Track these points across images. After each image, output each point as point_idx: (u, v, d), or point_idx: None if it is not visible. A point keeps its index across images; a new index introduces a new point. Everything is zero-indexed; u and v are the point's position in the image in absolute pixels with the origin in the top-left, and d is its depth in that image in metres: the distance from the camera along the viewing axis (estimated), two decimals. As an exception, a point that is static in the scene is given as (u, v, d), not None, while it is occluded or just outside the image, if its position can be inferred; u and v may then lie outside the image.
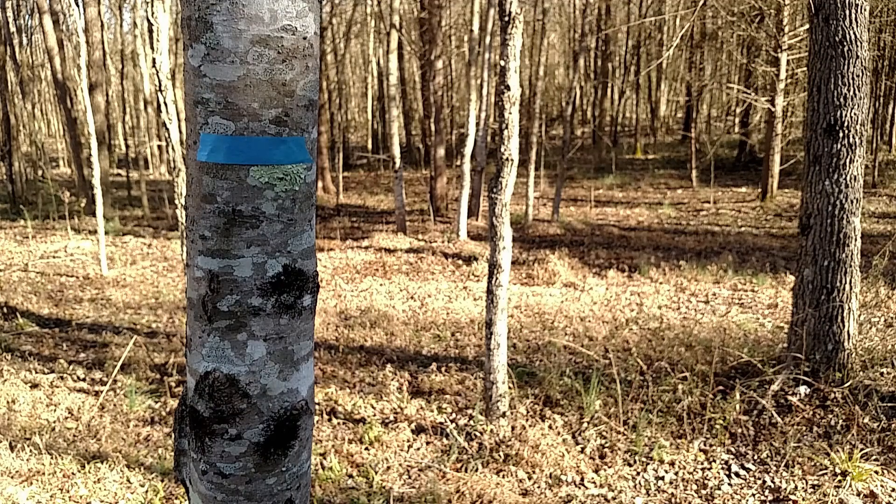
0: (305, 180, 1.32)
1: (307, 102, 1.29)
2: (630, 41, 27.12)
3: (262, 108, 1.23)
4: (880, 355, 5.15)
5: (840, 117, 4.72)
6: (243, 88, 1.21)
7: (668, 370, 5.20)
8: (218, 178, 1.25)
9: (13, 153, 17.08)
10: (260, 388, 1.32)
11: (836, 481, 3.83)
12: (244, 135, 1.23)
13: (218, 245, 1.27)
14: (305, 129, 1.30)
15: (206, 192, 1.26)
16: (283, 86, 1.24)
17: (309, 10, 1.25)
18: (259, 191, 1.26)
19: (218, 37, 1.19)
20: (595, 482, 4.01)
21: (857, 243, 4.86)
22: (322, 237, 12.70)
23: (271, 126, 1.24)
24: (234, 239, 1.27)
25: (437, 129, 15.04)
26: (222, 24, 1.19)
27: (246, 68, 1.21)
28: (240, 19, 1.19)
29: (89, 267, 10.75)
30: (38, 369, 6.10)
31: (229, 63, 1.20)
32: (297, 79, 1.26)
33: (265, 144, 1.25)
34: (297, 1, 1.23)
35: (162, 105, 6.87)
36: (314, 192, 1.37)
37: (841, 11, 4.63)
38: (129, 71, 27.63)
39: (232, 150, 1.23)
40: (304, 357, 1.39)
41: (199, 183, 1.27)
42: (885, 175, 16.47)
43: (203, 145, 1.24)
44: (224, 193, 1.25)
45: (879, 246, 8.80)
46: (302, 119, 1.28)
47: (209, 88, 1.21)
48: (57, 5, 19.27)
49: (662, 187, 18.35)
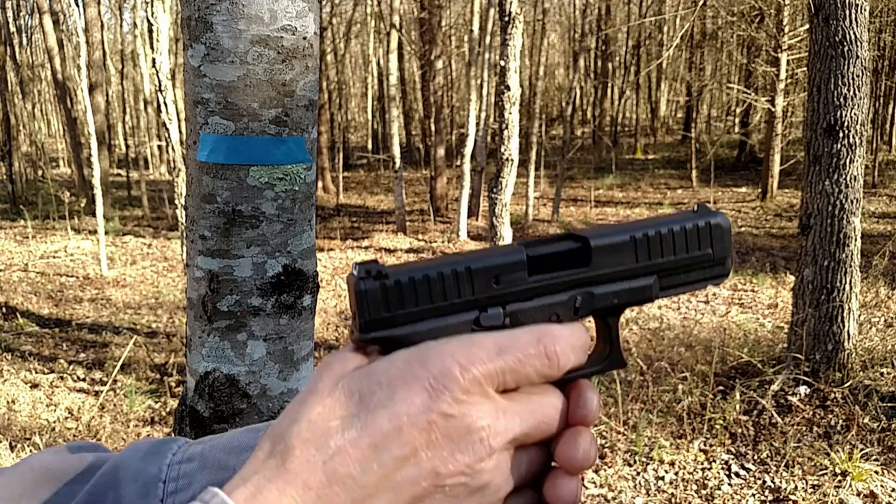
0: (305, 180, 1.31)
1: (307, 102, 1.29)
2: (630, 41, 27.12)
3: (261, 108, 1.23)
4: (880, 355, 5.15)
5: (840, 117, 4.72)
6: (243, 88, 1.21)
7: (668, 370, 5.20)
8: (218, 178, 1.25)
9: (13, 153, 17.08)
10: (260, 388, 1.32)
11: (836, 481, 3.83)
12: (244, 135, 1.23)
13: (218, 245, 1.27)
14: (305, 129, 1.30)
15: (205, 192, 1.26)
16: (283, 86, 1.24)
17: (309, 10, 1.25)
18: (259, 191, 1.26)
19: (218, 37, 1.19)
20: (595, 482, 4.01)
21: (857, 243, 4.86)
22: (322, 237, 12.70)
23: (271, 126, 1.24)
24: (234, 239, 1.27)
25: (437, 129, 15.04)
26: (222, 24, 1.19)
27: (246, 68, 1.21)
28: (240, 19, 1.19)
29: (89, 267, 10.75)
30: (38, 369, 6.10)
31: (229, 63, 1.20)
32: (297, 79, 1.25)
33: (265, 144, 1.25)
34: (297, 1, 1.23)
35: (162, 105, 6.87)
36: (314, 192, 1.37)
37: (841, 11, 4.63)
38: (129, 71, 27.64)
39: (232, 150, 1.23)
40: (305, 357, 1.39)
41: (198, 183, 1.27)
42: (885, 175, 16.47)
43: (203, 145, 1.24)
44: (224, 193, 1.25)
45: (879, 246, 8.80)
46: (302, 119, 1.28)
47: (209, 88, 1.21)
48: (57, 5, 19.28)
49: (662, 187, 18.35)
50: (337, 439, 0.38)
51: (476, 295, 0.44)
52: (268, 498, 0.36)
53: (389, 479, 0.37)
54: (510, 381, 0.41)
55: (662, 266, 0.49)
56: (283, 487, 0.37)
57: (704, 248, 0.49)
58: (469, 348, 0.40)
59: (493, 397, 0.40)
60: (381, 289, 0.42)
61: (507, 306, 0.45)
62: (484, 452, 0.39)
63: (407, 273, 0.43)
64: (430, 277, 0.43)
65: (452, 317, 0.44)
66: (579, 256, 0.47)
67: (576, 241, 0.47)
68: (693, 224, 0.49)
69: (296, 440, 0.38)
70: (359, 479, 0.37)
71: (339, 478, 0.37)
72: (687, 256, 0.49)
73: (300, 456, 0.37)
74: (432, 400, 0.38)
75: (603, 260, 0.47)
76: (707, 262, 0.50)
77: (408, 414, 0.38)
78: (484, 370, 0.39)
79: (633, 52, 27.54)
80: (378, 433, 0.37)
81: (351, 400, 0.39)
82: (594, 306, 0.47)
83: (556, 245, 0.47)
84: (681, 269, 0.49)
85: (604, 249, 0.47)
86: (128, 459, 0.49)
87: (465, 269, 0.44)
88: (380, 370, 0.40)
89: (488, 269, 0.44)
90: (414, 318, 0.43)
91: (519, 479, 0.42)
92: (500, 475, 0.40)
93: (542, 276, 0.46)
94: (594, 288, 0.47)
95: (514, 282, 0.45)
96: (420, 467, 0.38)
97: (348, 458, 0.37)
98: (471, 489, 0.39)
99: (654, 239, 0.48)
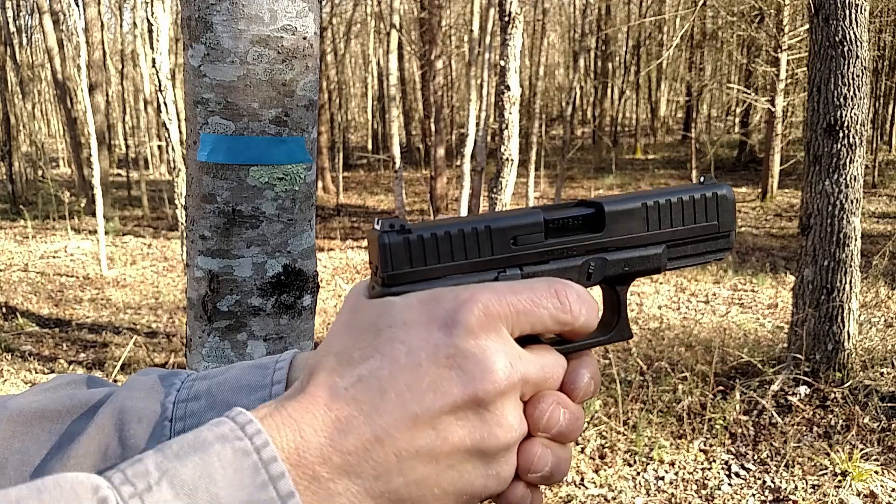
0: (305, 180, 1.31)
1: (307, 102, 1.29)
2: (630, 41, 27.12)
3: (261, 108, 1.23)
4: (880, 355, 5.15)
5: (840, 117, 4.72)
6: (243, 88, 1.21)
7: (668, 370, 5.20)
8: (218, 178, 1.25)
9: (13, 153, 17.08)
10: (260, 388, 1.32)
11: (836, 481, 3.83)
12: (244, 135, 1.23)
13: (218, 245, 1.27)
14: (305, 129, 1.30)
15: (205, 192, 1.26)
16: (283, 86, 1.24)
17: (309, 10, 1.25)
18: (259, 191, 1.26)
19: (218, 37, 1.19)
20: (595, 482, 4.01)
21: (857, 243, 4.86)
22: (322, 237, 12.70)
23: (271, 126, 1.24)
24: (234, 239, 1.27)
25: (437, 129, 15.05)
26: (222, 24, 1.19)
27: (246, 68, 1.21)
28: (240, 19, 1.19)
29: (89, 267, 10.75)
30: (38, 369, 6.10)
31: (229, 63, 1.20)
32: (297, 79, 1.25)
33: (265, 144, 1.25)
34: (297, 1, 1.23)
35: (162, 105, 6.87)
36: (314, 192, 1.37)
37: (841, 11, 4.63)
38: (129, 71, 27.64)
39: (232, 150, 1.23)
40: (304, 357, 1.39)
41: (198, 183, 1.27)
42: (885, 175, 16.47)
43: (203, 145, 1.24)
44: (224, 193, 1.25)
45: (879, 246, 8.80)
46: (302, 119, 1.28)
47: (209, 88, 1.21)
48: (57, 5, 19.28)
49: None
50: (360, 369, 0.40)
51: (494, 254, 0.45)
52: (291, 413, 0.38)
53: (406, 406, 0.38)
54: (524, 323, 0.42)
55: (672, 235, 0.50)
56: (306, 405, 0.39)
57: (711, 218, 0.51)
58: (483, 288, 0.42)
59: (508, 340, 0.41)
60: (404, 243, 0.43)
61: (524, 268, 0.46)
62: (502, 384, 0.40)
63: (430, 229, 0.44)
64: (451, 234, 0.44)
65: (472, 276, 0.45)
66: (594, 222, 0.48)
67: (590, 206, 0.49)
68: (701, 194, 0.51)
69: (321, 369, 0.41)
70: (378, 406, 0.38)
71: (359, 404, 0.38)
72: (695, 226, 0.51)
73: (324, 382, 0.40)
74: (448, 336, 0.40)
75: (616, 226, 0.48)
76: (713, 234, 0.52)
77: (425, 349, 0.39)
78: (498, 305, 0.41)
79: (633, 52, 27.54)
80: (396, 365, 0.39)
81: (370, 333, 0.41)
82: (606, 272, 0.49)
83: (571, 210, 0.48)
84: (688, 239, 0.51)
85: (617, 215, 0.48)
86: (130, 398, 0.48)
87: (486, 228, 0.45)
88: (397, 307, 0.42)
89: (507, 230, 0.46)
90: (435, 274, 0.44)
91: (524, 427, 0.42)
92: (514, 413, 0.41)
93: (558, 240, 0.47)
94: (607, 255, 0.49)
95: (531, 243, 0.46)
96: (438, 398, 0.39)
97: (368, 387, 0.39)
98: (487, 423, 0.40)
99: (664, 207, 0.49)
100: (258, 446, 0.36)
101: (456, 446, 0.39)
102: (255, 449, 0.36)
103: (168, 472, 0.34)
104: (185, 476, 0.34)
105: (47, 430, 0.47)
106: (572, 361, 0.45)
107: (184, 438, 0.37)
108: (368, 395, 0.39)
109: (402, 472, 0.39)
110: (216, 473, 0.35)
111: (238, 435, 0.36)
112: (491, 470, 0.41)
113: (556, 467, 0.44)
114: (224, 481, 0.35)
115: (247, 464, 0.36)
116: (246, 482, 0.35)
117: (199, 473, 0.35)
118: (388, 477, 0.38)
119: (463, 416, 0.39)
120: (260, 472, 0.35)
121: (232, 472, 0.35)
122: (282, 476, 0.36)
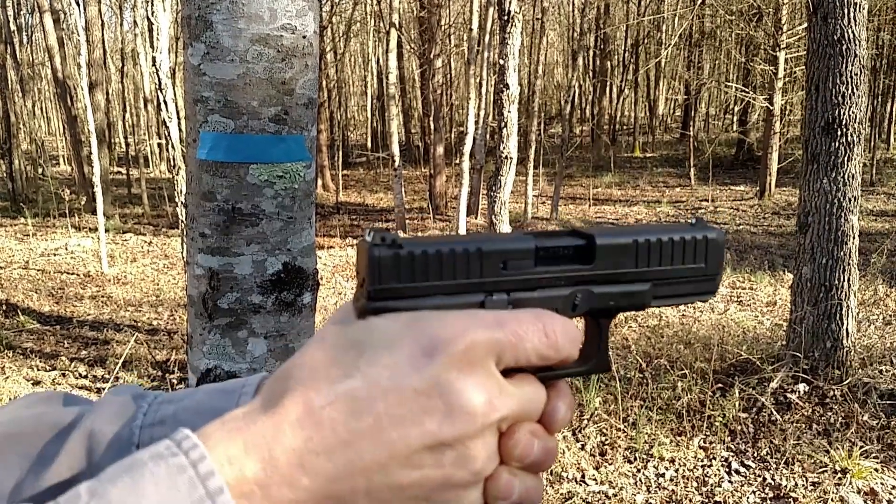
0: (305, 178, 1.32)
1: (306, 101, 1.30)
2: (629, 40, 27.09)
3: (261, 107, 1.24)
4: (879, 353, 5.16)
5: (838, 116, 4.72)
6: (243, 87, 1.22)
7: (668, 368, 5.21)
8: (217, 175, 1.25)
9: (13, 151, 17.08)
10: (260, 385, 1.33)
11: (836, 479, 3.84)
12: (244, 133, 1.24)
13: (218, 243, 1.28)
14: (305, 128, 1.30)
15: (205, 189, 1.27)
16: (283, 84, 1.25)
17: (308, 9, 1.26)
18: (259, 189, 1.27)
19: (218, 35, 1.20)
20: (596, 479, 4.02)
21: (855, 241, 4.87)
22: (322, 235, 12.70)
23: (271, 124, 1.25)
24: (234, 237, 1.28)
25: (437, 127, 15.04)
26: (222, 23, 1.19)
27: (245, 67, 1.21)
28: (239, 18, 1.19)
29: (90, 264, 10.75)
30: (39, 366, 6.11)
31: (229, 62, 1.21)
32: (297, 77, 1.26)
33: (264, 142, 1.25)
34: (297, 0, 1.23)
35: (162, 103, 6.88)
36: (314, 189, 1.37)
37: (839, 10, 4.64)
38: (130, 69, 27.62)
39: (231, 148, 1.24)
40: (304, 354, 1.40)
41: (198, 181, 1.28)
42: (883, 173, 16.48)
43: (203, 143, 1.25)
44: (224, 191, 1.26)
45: (877, 244, 8.81)
46: (301, 117, 1.29)
47: (209, 87, 1.22)
48: (57, 4, 19.28)
49: (661, 185, 18.35)
50: (336, 387, 0.38)
51: (483, 277, 0.45)
52: (261, 429, 0.37)
53: (382, 432, 0.38)
54: (509, 357, 0.41)
55: (659, 274, 0.50)
56: (277, 422, 0.37)
57: (699, 261, 0.51)
58: (470, 318, 0.41)
59: (491, 374, 0.40)
60: (394, 258, 0.42)
61: (511, 293, 0.46)
62: (479, 423, 0.39)
63: (420, 246, 0.43)
64: (442, 253, 0.44)
65: (459, 297, 0.44)
66: (584, 253, 0.48)
67: (582, 238, 0.48)
68: (692, 236, 0.51)
69: (295, 383, 0.39)
70: (352, 427, 0.37)
71: (333, 423, 0.37)
72: (682, 267, 0.51)
73: (298, 398, 0.38)
74: (430, 364, 0.39)
75: (605, 260, 0.48)
76: (699, 276, 0.51)
77: (408, 376, 0.38)
78: (483, 339, 0.40)
79: (631, 51, 27.51)
80: (377, 388, 0.38)
81: (352, 352, 0.40)
82: (592, 305, 0.49)
83: (563, 239, 0.48)
84: (674, 279, 0.51)
85: (608, 249, 0.48)
86: (100, 421, 0.48)
87: (476, 250, 0.44)
88: (382, 328, 0.41)
89: (498, 253, 0.45)
90: (422, 292, 0.43)
91: (496, 461, 0.42)
92: (487, 451, 0.41)
93: (547, 268, 0.47)
94: (594, 287, 0.48)
95: (521, 269, 0.46)
96: (414, 428, 0.38)
97: (345, 406, 0.38)
98: (459, 458, 0.39)
99: (654, 245, 0.49)
100: (194, 460, 0.35)
101: (427, 476, 0.39)
102: (192, 463, 0.35)
103: (97, 494, 0.34)
104: (112, 496, 0.34)
105: (18, 453, 0.47)
106: (549, 391, 0.45)
107: (122, 462, 0.36)
108: (344, 416, 0.38)
109: (368, 498, 0.38)
110: (147, 490, 0.34)
111: (173, 451, 0.36)
112: (458, 500, 0.41)
113: (526, 495, 0.43)
114: (156, 497, 0.34)
115: (181, 480, 0.35)
116: (181, 498, 0.34)
117: (128, 492, 0.34)
118: (353, 501, 0.38)
119: (438, 451, 0.39)
120: (197, 488, 0.35)
121: (165, 489, 0.34)
122: (220, 491, 0.35)
